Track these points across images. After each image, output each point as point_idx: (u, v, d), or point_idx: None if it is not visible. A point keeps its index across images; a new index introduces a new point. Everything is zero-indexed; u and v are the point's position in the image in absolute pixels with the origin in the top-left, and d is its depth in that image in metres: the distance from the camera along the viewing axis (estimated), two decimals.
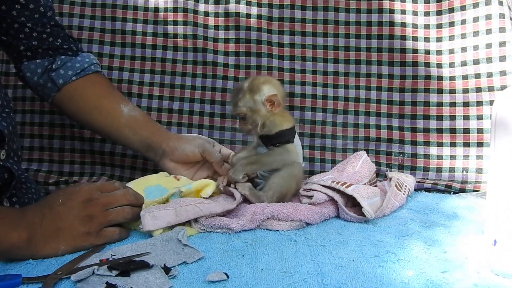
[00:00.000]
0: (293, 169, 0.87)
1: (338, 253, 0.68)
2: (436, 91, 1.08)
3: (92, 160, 1.17)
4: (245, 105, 0.86)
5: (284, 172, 0.86)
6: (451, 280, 0.58)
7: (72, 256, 0.67)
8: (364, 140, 1.12)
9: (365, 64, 1.12)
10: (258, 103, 0.86)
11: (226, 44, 1.14)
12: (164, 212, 0.76)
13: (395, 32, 1.10)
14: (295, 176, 0.87)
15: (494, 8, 1.04)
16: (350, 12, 1.12)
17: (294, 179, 0.87)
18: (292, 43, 1.13)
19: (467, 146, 1.06)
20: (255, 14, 1.13)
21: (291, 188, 0.87)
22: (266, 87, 0.86)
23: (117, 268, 0.61)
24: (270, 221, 0.80)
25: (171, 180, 0.96)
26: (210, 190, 0.86)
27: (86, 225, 0.70)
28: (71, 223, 0.70)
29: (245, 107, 0.86)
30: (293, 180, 0.87)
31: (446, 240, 0.73)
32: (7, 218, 0.68)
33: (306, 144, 1.12)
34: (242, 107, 0.86)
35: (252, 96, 0.86)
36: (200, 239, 0.75)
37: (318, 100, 1.13)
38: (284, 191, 0.86)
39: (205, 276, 0.60)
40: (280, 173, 0.86)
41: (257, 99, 0.85)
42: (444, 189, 1.03)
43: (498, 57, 1.03)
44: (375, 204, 0.84)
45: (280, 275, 0.61)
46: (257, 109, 0.86)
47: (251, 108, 0.86)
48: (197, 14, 1.14)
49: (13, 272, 0.62)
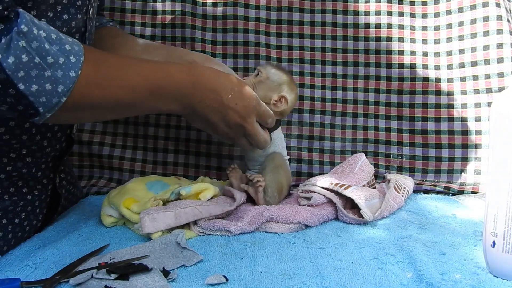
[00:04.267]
0: (275, 161, 0.91)
1: (337, 255, 0.68)
2: (434, 93, 1.09)
3: (90, 163, 1.17)
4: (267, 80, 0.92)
5: (269, 167, 0.90)
6: (450, 282, 0.58)
7: (71, 260, 0.66)
8: (362, 142, 1.12)
9: (363, 66, 1.12)
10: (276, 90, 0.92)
11: (224, 46, 1.14)
12: (163, 214, 0.76)
13: (393, 34, 1.11)
14: (281, 166, 0.91)
15: (491, 10, 1.04)
16: (348, 14, 1.12)
17: (281, 169, 0.91)
18: (290, 45, 1.13)
19: (466, 147, 1.06)
20: (253, 16, 1.13)
21: (283, 179, 0.91)
22: (286, 88, 0.92)
23: (116, 272, 0.61)
24: (269, 223, 0.80)
25: (173, 178, 0.97)
26: (210, 194, 0.86)
27: (224, 129, 0.82)
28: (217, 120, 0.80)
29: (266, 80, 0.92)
30: (281, 171, 0.91)
31: (445, 242, 0.73)
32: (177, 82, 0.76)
33: (305, 147, 1.12)
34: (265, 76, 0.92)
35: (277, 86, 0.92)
36: (199, 242, 0.75)
37: (317, 102, 1.13)
38: (280, 185, 0.90)
39: (204, 279, 0.60)
40: (266, 170, 0.90)
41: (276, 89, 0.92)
42: (442, 191, 1.04)
43: (496, 59, 1.03)
44: (374, 206, 0.84)
45: (279, 278, 0.61)
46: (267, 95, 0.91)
47: (270, 87, 0.91)
48: (195, 16, 1.14)
49: (12, 276, 0.62)
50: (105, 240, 0.77)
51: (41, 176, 0.84)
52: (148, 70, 0.75)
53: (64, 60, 0.62)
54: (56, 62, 0.61)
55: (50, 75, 0.61)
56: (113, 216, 0.84)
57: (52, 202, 0.89)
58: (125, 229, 0.83)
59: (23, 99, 0.60)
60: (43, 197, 0.86)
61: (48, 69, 0.60)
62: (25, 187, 0.82)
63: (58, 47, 0.62)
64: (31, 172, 0.82)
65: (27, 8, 0.69)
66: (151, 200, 0.81)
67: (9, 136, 0.75)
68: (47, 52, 0.60)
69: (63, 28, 0.75)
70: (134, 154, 1.16)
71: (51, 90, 0.61)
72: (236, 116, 0.80)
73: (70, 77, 0.63)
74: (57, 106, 0.63)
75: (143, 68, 0.75)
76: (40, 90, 0.60)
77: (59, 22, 0.74)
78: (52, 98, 0.62)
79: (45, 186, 0.86)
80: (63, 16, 0.75)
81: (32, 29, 0.59)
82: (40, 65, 0.60)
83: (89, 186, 1.11)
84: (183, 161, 1.15)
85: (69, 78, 0.63)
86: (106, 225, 0.84)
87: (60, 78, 0.62)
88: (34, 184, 0.83)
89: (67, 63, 0.63)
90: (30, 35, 0.59)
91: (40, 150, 0.82)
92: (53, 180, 0.88)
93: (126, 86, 0.71)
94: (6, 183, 0.78)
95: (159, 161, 1.15)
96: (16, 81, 0.58)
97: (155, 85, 0.74)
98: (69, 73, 0.63)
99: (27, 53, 0.59)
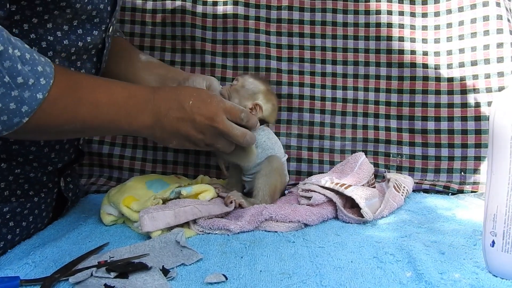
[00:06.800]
0: (272, 164, 0.90)
1: (336, 254, 0.68)
2: (434, 92, 1.09)
3: (90, 161, 1.17)
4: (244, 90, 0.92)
5: (264, 171, 0.89)
6: (449, 281, 0.58)
7: (70, 258, 0.66)
8: (362, 141, 1.12)
9: (363, 65, 1.12)
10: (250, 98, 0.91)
11: (224, 45, 1.14)
12: (163, 213, 0.76)
13: (393, 33, 1.11)
14: (277, 170, 0.90)
15: (491, 10, 1.04)
16: (348, 13, 1.12)
17: (276, 173, 0.90)
18: (290, 44, 1.13)
19: (465, 147, 1.06)
20: (253, 15, 1.13)
21: (277, 182, 0.90)
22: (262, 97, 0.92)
23: (116, 270, 0.61)
24: (268, 222, 0.80)
25: (173, 177, 0.97)
26: (209, 196, 0.86)
27: (198, 137, 0.80)
28: (188, 130, 0.79)
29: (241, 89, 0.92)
30: (276, 175, 0.90)
31: (444, 241, 0.73)
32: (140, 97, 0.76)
33: (305, 146, 1.12)
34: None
35: (252, 95, 0.91)
36: (199, 240, 0.75)
37: (316, 102, 1.13)
38: (272, 188, 0.89)
39: (203, 277, 0.60)
40: (261, 173, 0.89)
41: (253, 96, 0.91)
42: (442, 190, 1.04)
43: (496, 58, 1.03)
44: (373, 205, 0.84)
45: (278, 277, 0.61)
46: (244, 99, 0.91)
47: (244, 96, 0.91)
48: (195, 15, 1.14)
49: (11, 274, 0.62)
50: (105, 238, 0.77)
51: (46, 180, 0.85)
52: (114, 89, 0.75)
53: (34, 82, 0.62)
54: (25, 83, 0.61)
55: (17, 95, 0.60)
56: (112, 215, 0.84)
57: (57, 205, 0.90)
58: (124, 228, 0.83)
59: None
60: (49, 200, 0.87)
61: (16, 89, 0.60)
62: (32, 190, 0.82)
63: (30, 67, 0.62)
64: (37, 176, 0.82)
65: (43, 21, 0.70)
66: (151, 198, 0.81)
67: (18, 146, 0.77)
68: (18, 73, 0.60)
69: (78, 42, 0.76)
70: (133, 153, 1.16)
71: (15, 109, 0.60)
72: (203, 118, 0.79)
73: (36, 98, 0.62)
74: (17, 125, 0.62)
75: (110, 88, 0.75)
76: (3, 109, 0.59)
77: (74, 36, 0.75)
78: (14, 117, 0.61)
79: (50, 190, 0.87)
80: (77, 30, 0.76)
81: (7, 48, 0.59)
82: (9, 84, 0.59)
83: (88, 184, 1.11)
84: (183, 160, 1.15)
85: (35, 100, 0.62)
86: (106, 223, 0.84)
87: (26, 98, 0.61)
88: (40, 187, 0.84)
89: (36, 84, 0.62)
90: (4, 54, 0.58)
91: (48, 160, 0.83)
92: (58, 184, 0.89)
93: (92, 106, 0.71)
94: (14, 185, 0.79)
95: (158, 160, 1.15)
96: None
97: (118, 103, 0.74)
98: (36, 94, 0.62)
99: None
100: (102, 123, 0.73)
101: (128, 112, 0.75)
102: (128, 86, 0.79)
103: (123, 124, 0.75)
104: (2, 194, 0.77)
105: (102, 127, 0.74)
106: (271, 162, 0.90)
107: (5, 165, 0.77)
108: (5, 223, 0.77)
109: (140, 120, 0.76)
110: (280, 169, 0.92)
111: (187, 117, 0.78)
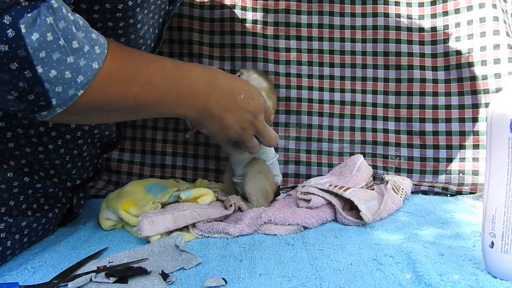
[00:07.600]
0: (254, 168, 0.90)
1: (336, 256, 0.68)
2: (431, 94, 1.09)
3: None
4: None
5: (249, 176, 0.89)
6: (448, 282, 0.58)
7: (69, 263, 0.66)
8: (360, 143, 1.12)
9: (360, 67, 1.12)
10: None
11: (222, 49, 1.14)
12: (162, 217, 0.76)
13: (390, 35, 1.11)
14: (261, 173, 0.90)
15: (488, 11, 1.05)
16: (345, 16, 1.12)
17: (262, 176, 0.89)
18: (287, 47, 1.14)
19: (463, 148, 1.06)
20: (250, 19, 1.13)
21: (266, 185, 0.90)
22: (264, 94, 0.88)
23: (115, 275, 0.61)
24: (267, 225, 0.80)
25: (171, 181, 0.97)
26: (208, 199, 0.86)
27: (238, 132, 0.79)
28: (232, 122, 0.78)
29: None
30: (262, 177, 0.89)
31: (443, 243, 0.73)
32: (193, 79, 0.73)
33: (303, 148, 1.13)
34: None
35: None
36: (198, 244, 0.75)
37: (314, 104, 1.13)
38: (263, 191, 0.89)
39: (203, 281, 0.60)
40: (248, 177, 0.89)
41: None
42: (440, 192, 1.04)
43: (493, 60, 1.04)
44: (372, 208, 0.84)
45: (278, 280, 0.61)
46: None
47: None
48: (193, 19, 1.14)
49: (10, 280, 0.62)
50: (104, 243, 0.77)
51: (61, 195, 0.83)
52: (167, 67, 0.70)
53: (89, 49, 0.55)
54: (81, 49, 0.54)
55: (72, 62, 0.54)
56: (111, 219, 0.84)
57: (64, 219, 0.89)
58: (123, 232, 0.83)
59: (37, 85, 0.52)
60: (59, 215, 0.85)
61: (71, 54, 0.53)
62: (47, 205, 0.80)
63: (84, 34, 0.56)
64: (55, 191, 0.81)
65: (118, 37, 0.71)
66: (150, 203, 0.81)
67: (44, 156, 0.75)
68: (73, 36, 0.53)
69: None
70: (132, 157, 1.16)
71: (70, 79, 0.54)
72: (248, 115, 0.79)
73: (92, 68, 0.56)
74: (71, 100, 0.55)
75: (164, 65, 0.70)
76: (58, 78, 0.53)
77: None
78: (69, 89, 0.54)
79: (63, 205, 0.85)
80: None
81: (61, 7, 0.52)
82: (64, 48, 0.53)
83: (87, 188, 1.11)
84: (181, 163, 1.15)
85: (91, 69, 0.56)
86: (105, 228, 0.84)
87: (82, 67, 0.55)
88: (55, 202, 0.82)
89: (92, 52, 0.56)
90: (59, 13, 0.52)
91: (68, 176, 0.82)
92: (71, 200, 0.87)
93: (146, 82, 0.65)
94: (31, 199, 0.76)
95: (157, 164, 1.15)
96: (35, 62, 0.51)
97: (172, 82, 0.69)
98: (92, 63, 0.56)
99: (53, 32, 0.51)
100: (153, 102, 0.67)
101: (180, 93, 0.70)
102: (181, 65, 0.73)
103: (173, 105, 0.70)
104: (20, 207, 0.74)
105: (152, 107, 0.67)
106: (254, 166, 0.90)
107: (27, 179, 0.75)
108: (21, 238, 0.74)
109: (190, 103, 0.72)
110: (265, 171, 0.91)
111: (236, 110, 0.77)
